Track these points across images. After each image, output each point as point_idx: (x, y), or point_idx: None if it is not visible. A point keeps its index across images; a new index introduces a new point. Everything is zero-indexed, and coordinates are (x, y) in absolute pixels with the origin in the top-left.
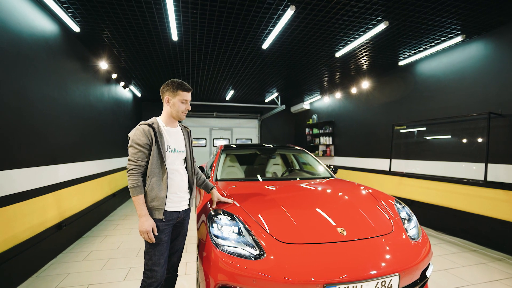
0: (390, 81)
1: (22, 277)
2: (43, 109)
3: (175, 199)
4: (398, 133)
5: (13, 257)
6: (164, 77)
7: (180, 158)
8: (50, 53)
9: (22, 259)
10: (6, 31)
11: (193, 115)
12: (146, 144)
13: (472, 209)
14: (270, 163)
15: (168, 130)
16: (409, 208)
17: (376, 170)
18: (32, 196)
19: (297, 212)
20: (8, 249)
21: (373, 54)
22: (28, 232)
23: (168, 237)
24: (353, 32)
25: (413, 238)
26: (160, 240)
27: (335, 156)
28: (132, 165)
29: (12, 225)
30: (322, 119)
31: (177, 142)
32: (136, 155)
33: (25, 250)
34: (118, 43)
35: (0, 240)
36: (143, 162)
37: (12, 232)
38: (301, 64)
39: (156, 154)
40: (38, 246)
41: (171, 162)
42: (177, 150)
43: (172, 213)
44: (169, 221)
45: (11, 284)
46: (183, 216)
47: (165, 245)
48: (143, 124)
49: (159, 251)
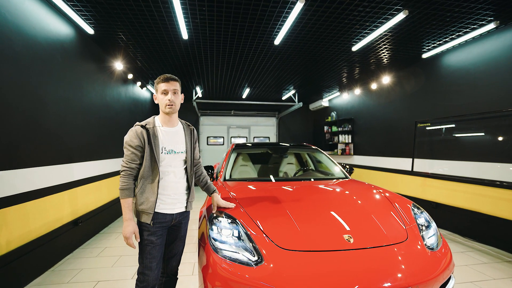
0: (413, 75)
1: (39, 270)
2: (58, 110)
3: (168, 201)
4: (421, 130)
5: (30, 251)
6: (180, 76)
7: (179, 159)
8: (65, 55)
9: (39, 253)
10: (21, 36)
11: (210, 114)
12: (138, 146)
13: (507, 215)
14: (284, 163)
15: (165, 130)
16: (428, 214)
17: (397, 170)
18: (48, 194)
19: (302, 217)
20: (25, 243)
21: (393, 47)
22: (45, 228)
23: (161, 239)
24: (369, 24)
25: (431, 248)
26: (151, 242)
27: (354, 155)
28: (124, 167)
29: (29, 221)
30: (341, 117)
31: (175, 142)
32: (129, 157)
33: (42, 245)
34: (132, 44)
35: (18, 234)
36: (134, 164)
37: (29, 228)
38: (317, 59)
39: (148, 156)
40: (55, 241)
41: (166, 164)
42: (175, 151)
43: (165, 215)
44: (162, 223)
45: (28, 277)
46: (179, 219)
47: (157, 248)
48: (137, 125)
49: (150, 254)
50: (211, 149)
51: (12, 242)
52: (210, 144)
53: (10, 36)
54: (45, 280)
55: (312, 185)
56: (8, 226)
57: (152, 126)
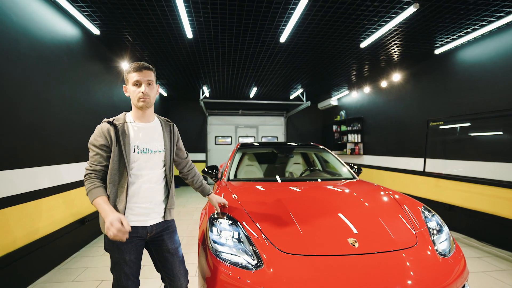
0: (424, 72)
1: (46, 268)
2: (64, 110)
3: (139, 211)
4: (433, 129)
5: (37, 249)
6: (186, 76)
7: (156, 160)
8: (72, 56)
9: (46, 251)
10: (26, 37)
11: (218, 113)
12: (103, 145)
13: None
14: (290, 162)
15: (138, 126)
16: (439, 217)
17: (408, 170)
18: (56, 192)
19: (305, 219)
20: (31, 242)
21: (404, 43)
22: (52, 226)
23: (135, 256)
24: (378, 19)
25: (442, 254)
26: (122, 260)
27: (364, 154)
28: (87, 170)
29: (34, 220)
30: (350, 116)
31: (150, 140)
32: (93, 158)
33: (49, 243)
34: (139, 44)
35: (23, 233)
36: (99, 166)
37: (35, 226)
38: (324, 57)
39: (116, 157)
40: (61, 239)
41: (139, 165)
42: (151, 150)
43: (136, 228)
44: (133, 238)
45: (35, 274)
46: (157, 232)
47: (132, 264)
48: (103, 122)
49: (125, 273)
50: (219, 149)
51: (18, 240)
52: (218, 144)
53: (16, 37)
54: (52, 278)
55: (317, 186)
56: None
57: (121, 122)
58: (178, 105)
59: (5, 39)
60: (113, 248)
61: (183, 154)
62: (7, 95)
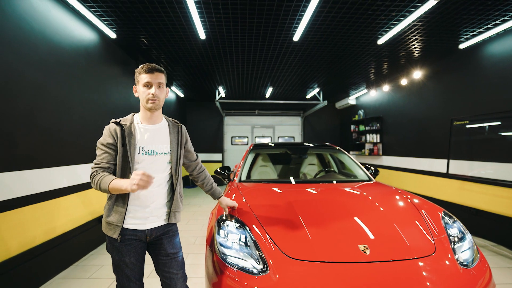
0: (448, 68)
1: (64, 264)
2: (81, 112)
3: (138, 215)
4: (458, 129)
5: (55, 246)
6: (202, 76)
7: (161, 162)
8: (89, 59)
9: (64, 248)
10: (46, 42)
11: (234, 114)
12: (111, 144)
13: None
14: (305, 163)
15: (145, 127)
16: (462, 224)
17: (430, 172)
18: (71, 192)
19: (315, 223)
20: (50, 239)
21: (425, 38)
22: (69, 225)
23: (135, 258)
24: (396, 14)
25: (464, 264)
26: (122, 262)
27: (383, 155)
28: (93, 168)
29: (53, 218)
30: (369, 115)
31: (156, 141)
32: (100, 157)
33: (67, 240)
34: (154, 47)
35: (42, 231)
36: (107, 164)
37: (53, 224)
38: (340, 55)
39: (121, 157)
40: (79, 237)
41: (143, 167)
42: (156, 152)
43: (135, 231)
44: (133, 240)
45: (54, 270)
46: (157, 235)
47: (133, 266)
48: (111, 122)
49: (125, 275)
50: (235, 149)
51: (37, 237)
52: (235, 144)
53: (36, 42)
54: (69, 274)
55: (330, 189)
56: (39, 221)
57: (128, 123)
58: (195, 106)
59: (26, 45)
60: (113, 250)
61: (192, 156)
62: (28, 98)
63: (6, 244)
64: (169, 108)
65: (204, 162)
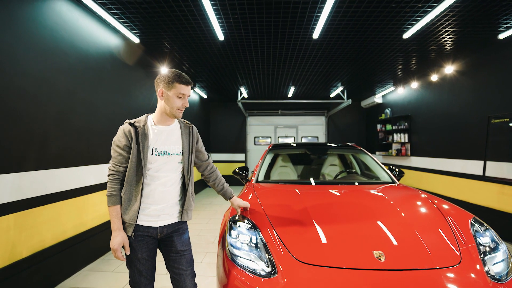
0: (485, 61)
1: (92, 258)
2: (108, 114)
3: (151, 212)
4: (497, 127)
5: (84, 240)
6: (223, 77)
7: (174, 162)
8: (114, 63)
9: (92, 242)
10: (74, 49)
11: (257, 114)
12: (125, 146)
13: None
14: (326, 164)
15: (158, 129)
16: (495, 232)
17: (464, 174)
18: (99, 190)
19: (329, 227)
20: (79, 233)
21: (458, 29)
22: (97, 220)
23: (147, 253)
24: (422, 5)
25: (496, 278)
26: (135, 257)
27: (412, 156)
28: (111, 171)
29: (82, 213)
30: (396, 114)
31: (168, 142)
32: (116, 159)
33: (95, 235)
34: (176, 50)
35: (73, 225)
36: (122, 167)
37: (83, 219)
38: (363, 52)
39: (135, 158)
40: (106, 232)
41: (156, 167)
42: (168, 153)
43: (147, 228)
44: (145, 237)
45: (82, 262)
46: (168, 232)
47: (145, 262)
48: (125, 123)
49: (137, 269)
50: (258, 149)
51: (68, 231)
52: (258, 144)
53: (66, 51)
54: (95, 267)
55: (349, 191)
56: (69, 216)
57: (142, 124)
58: (218, 106)
59: (56, 54)
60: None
61: (203, 156)
62: (59, 103)
63: (41, 235)
64: (193, 109)
65: (226, 162)
